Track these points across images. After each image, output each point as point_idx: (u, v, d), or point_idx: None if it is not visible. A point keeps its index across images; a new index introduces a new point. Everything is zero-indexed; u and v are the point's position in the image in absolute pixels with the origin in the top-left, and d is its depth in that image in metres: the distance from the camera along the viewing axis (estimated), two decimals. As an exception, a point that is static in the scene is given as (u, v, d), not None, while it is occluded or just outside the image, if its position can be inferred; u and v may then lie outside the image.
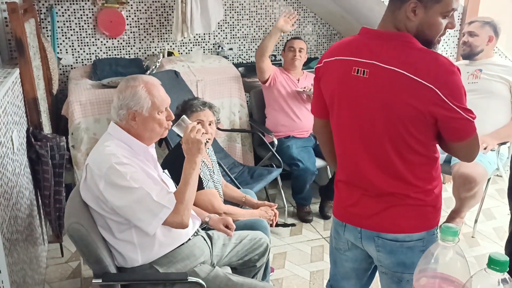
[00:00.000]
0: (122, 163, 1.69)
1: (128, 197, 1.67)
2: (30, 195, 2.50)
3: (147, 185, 1.70)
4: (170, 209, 1.71)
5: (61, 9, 3.64)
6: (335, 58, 1.50)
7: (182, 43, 4.07)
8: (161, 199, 1.70)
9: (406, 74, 1.34)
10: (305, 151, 3.31)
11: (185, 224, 1.76)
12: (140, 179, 1.70)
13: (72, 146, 3.10)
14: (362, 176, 1.51)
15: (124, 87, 1.79)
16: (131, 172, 1.68)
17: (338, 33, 4.52)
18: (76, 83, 3.31)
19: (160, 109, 1.79)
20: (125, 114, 1.77)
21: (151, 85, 1.79)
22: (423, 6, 1.37)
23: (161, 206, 1.69)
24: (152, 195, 1.68)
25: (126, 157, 1.72)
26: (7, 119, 2.09)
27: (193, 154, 1.80)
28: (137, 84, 1.77)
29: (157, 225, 1.70)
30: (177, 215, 1.72)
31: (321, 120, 1.65)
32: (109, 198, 1.69)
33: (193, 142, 1.79)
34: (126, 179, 1.67)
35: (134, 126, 1.79)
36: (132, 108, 1.76)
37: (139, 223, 1.70)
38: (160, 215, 1.69)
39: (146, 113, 1.77)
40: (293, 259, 2.93)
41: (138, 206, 1.68)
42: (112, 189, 1.68)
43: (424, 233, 1.49)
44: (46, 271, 2.76)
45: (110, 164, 1.67)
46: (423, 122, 1.37)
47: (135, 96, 1.76)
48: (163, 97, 1.81)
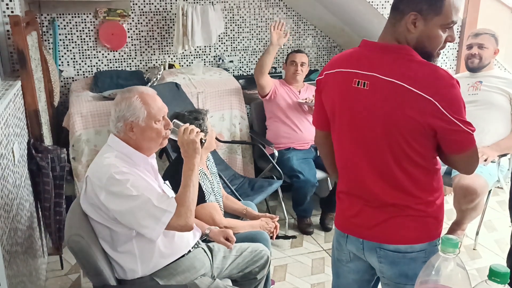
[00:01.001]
0: (122, 172, 1.69)
1: (129, 205, 1.67)
2: (30, 207, 2.50)
3: (147, 191, 1.70)
4: (172, 212, 1.70)
5: (63, 22, 3.67)
6: (336, 70, 1.51)
7: (183, 56, 4.09)
8: (162, 204, 1.69)
9: (405, 86, 1.35)
10: (305, 162, 3.31)
11: (189, 226, 1.74)
12: (140, 186, 1.70)
13: (73, 158, 3.11)
14: (363, 187, 1.51)
15: (119, 99, 1.80)
16: (131, 180, 1.69)
17: (338, 46, 4.55)
18: (77, 95, 3.33)
19: (156, 118, 1.79)
20: (123, 126, 1.78)
21: (146, 95, 1.79)
22: (423, 18, 1.38)
23: (163, 211, 1.69)
24: (153, 200, 1.68)
25: (126, 167, 1.73)
26: (8, 131, 2.09)
27: (190, 156, 1.79)
28: (131, 96, 1.78)
29: (161, 230, 1.70)
30: (180, 218, 1.71)
31: (323, 132, 1.66)
32: (111, 207, 1.69)
33: (188, 143, 1.78)
34: (126, 187, 1.67)
35: (132, 137, 1.79)
36: (128, 119, 1.77)
37: (142, 230, 1.70)
38: (162, 220, 1.69)
39: (142, 123, 1.77)
40: (294, 272, 2.91)
41: (140, 212, 1.68)
42: (113, 198, 1.68)
43: (426, 244, 1.49)
44: (45, 283, 2.74)
45: (110, 174, 1.68)
46: (423, 134, 1.38)
47: (130, 107, 1.76)
48: (159, 106, 1.81)
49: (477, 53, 3.09)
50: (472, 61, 3.12)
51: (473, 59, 3.11)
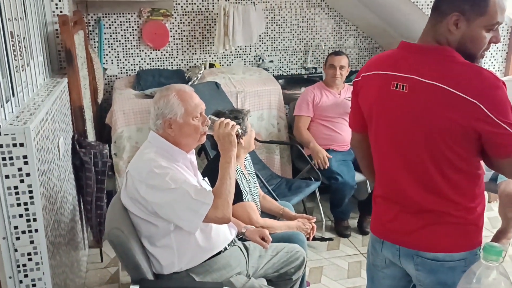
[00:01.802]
0: (161, 166, 1.73)
1: (168, 197, 1.71)
2: (73, 200, 2.58)
3: (185, 184, 1.73)
4: (209, 204, 1.72)
5: (108, 21, 3.78)
6: (373, 72, 1.49)
7: (224, 55, 4.13)
8: (199, 196, 1.72)
9: (447, 88, 1.31)
10: (344, 164, 3.27)
11: (227, 217, 1.76)
12: (179, 180, 1.73)
13: (114, 154, 3.19)
14: (400, 192, 1.47)
15: (158, 97, 1.84)
16: (169, 174, 1.72)
17: (380, 47, 4.47)
18: (120, 93, 3.41)
19: (194, 115, 1.82)
20: (161, 123, 1.82)
21: (183, 93, 1.83)
22: (466, 19, 1.33)
23: (201, 203, 1.71)
24: (191, 193, 1.71)
25: (165, 162, 1.76)
26: (54, 126, 2.17)
27: (226, 149, 1.82)
28: (169, 93, 1.82)
29: (199, 222, 1.72)
30: (217, 210, 1.73)
31: (359, 134, 1.63)
32: (150, 200, 1.73)
33: (224, 136, 1.81)
34: (165, 180, 1.70)
35: (171, 134, 1.82)
36: (166, 116, 1.81)
37: (181, 222, 1.73)
38: (200, 212, 1.71)
39: (180, 119, 1.81)
40: (329, 274, 2.88)
41: (179, 205, 1.71)
42: (153, 191, 1.72)
43: (467, 253, 1.44)
44: (86, 275, 2.83)
45: (149, 168, 1.72)
46: (466, 138, 1.33)
47: (168, 105, 1.80)
48: (196, 103, 1.84)
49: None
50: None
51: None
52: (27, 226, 1.74)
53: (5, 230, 1.71)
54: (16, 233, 1.73)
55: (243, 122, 2.34)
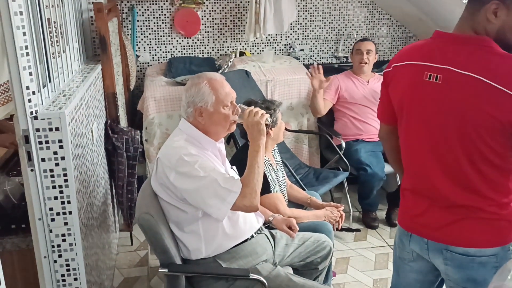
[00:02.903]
0: (190, 154, 1.75)
1: (197, 184, 1.73)
2: (105, 184, 2.64)
3: (214, 172, 1.75)
4: (237, 193, 1.73)
5: (141, 9, 3.82)
6: (405, 62, 1.46)
7: (254, 44, 4.12)
8: (227, 184, 1.73)
9: (485, 80, 1.27)
10: (374, 155, 3.24)
11: (255, 206, 1.77)
12: (208, 167, 1.75)
13: (145, 140, 3.24)
14: (430, 186, 1.45)
15: (189, 85, 1.86)
16: (199, 161, 1.74)
17: (414, 36, 4.38)
18: (152, 80, 3.46)
19: (224, 103, 1.83)
20: (192, 111, 1.84)
21: (214, 81, 1.84)
22: (506, 7, 1.29)
23: (228, 191, 1.73)
24: (219, 181, 1.72)
25: (194, 150, 1.78)
26: (88, 111, 2.22)
27: (255, 138, 1.81)
28: (200, 81, 1.84)
29: (226, 209, 1.74)
30: (245, 199, 1.74)
31: (388, 126, 1.61)
32: (179, 186, 1.75)
33: (252, 125, 1.80)
34: (194, 167, 1.72)
35: (201, 121, 1.84)
36: (197, 104, 1.82)
37: (209, 209, 1.75)
38: (228, 199, 1.73)
39: (211, 108, 1.82)
40: (356, 265, 2.87)
41: (207, 192, 1.73)
42: (182, 178, 1.74)
43: (498, 249, 1.41)
44: (116, 257, 2.91)
45: (179, 156, 1.74)
46: (502, 132, 1.30)
47: (199, 93, 1.82)
48: (226, 91, 1.85)
49: None
50: None
51: None
52: (62, 208, 1.79)
53: (41, 212, 1.77)
54: (51, 215, 1.79)
55: (274, 114, 2.34)
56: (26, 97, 1.61)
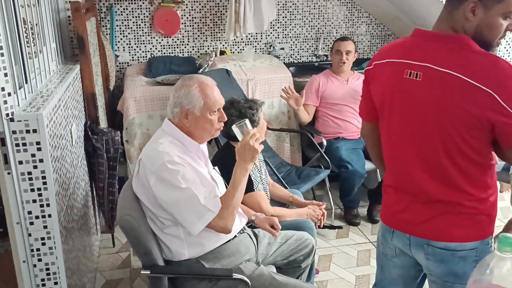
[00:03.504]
0: (174, 162, 1.73)
1: (175, 195, 1.71)
2: (85, 186, 2.61)
3: (196, 186, 1.73)
4: (215, 213, 1.73)
5: (120, 8, 3.78)
6: (386, 60, 1.47)
7: (235, 42, 4.11)
8: (207, 203, 1.72)
9: (462, 77, 1.29)
10: (354, 153, 3.26)
11: (228, 229, 1.77)
12: (190, 179, 1.73)
13: (126, 141, 3.21)
14: (412, 182, 1.47)
15: (180, 85, 1.84)
16: (181, 172, 1.72)
17: (392, 34, 4.42)
18: (132, 79, 3.42)
19: (212, 110, 1.82)
20: (178, 112, 1.82)
21: (205, 85, 1.82)
22: (483, 6, 1.31)
23: (207, 210, 1.72)
24: (199, 197, 1.71)
25: (179, 156, 1.76)
26: (67, 112, 2.19)
27: (246, 160, 1.80)
28: (191, 84, 1.82)
29: (201, 227, 1.73)
30: (221, 220, 1.74)
31: (370, 123, 1.63)
32: (158, 194, 1.74)
33: (250, 148, 1.78)
34: (176, 177, 1.71)
35: (186, 124, 1.83)
36: (185, 106, 1.81)
37: (184, 222, 1.74)
38: (205, 218, 1.72)
39: (198, 112, 1.80)
40: (338, 262, 2.89)
41: (185, 206, 1.72)
42: (162, 185, 1.73)
43: (478, 243, 1.44)
44: (98, 259, 2.87)
45: (162, 161, 1.72)
46: (479, 128, 1.32)
47: (188, 95, 1.80)
48: (216, 98, 1.83)
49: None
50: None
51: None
52: (41, 211, 1.76)
53: (19, 215, 1.73)
54: (29, 218, 1.76)
55: (257, 113, 2.35)
56: (2, 98, 1.57)
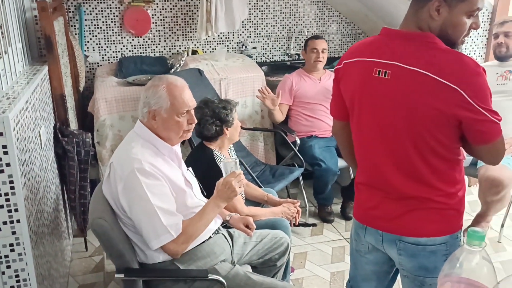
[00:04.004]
0: (144, 171, 1.70)
1: (139, 207, 1.70)
2: (56, 189, 2.55)
3: (162, 201, 1.71)
4: (173, 237, 1.72)
5: (88, 8, 3.71)
6: (355, 59, 1.49)
7: (206, 42, 4.09)
8: (169, 224, 1.70)
9: (429, 75, 1.31)
10: (327, 151, 3.29)
11: (178, 254, 1.77)
12: (157, 193, 1.70)
13: (97, 143, 3.16)
14: (383, 179, 1.49)
15: (149, 85, 1.82)
16: (150, 183, 1.70)
17: (362, 32, 4.48)
18: (102, 80, 3.37)
19: (179, 112, 1.79)
20: (146, 113, 1.80)
21: (173, 87, 1.79)
22: (448, 5, 1.34)
23: (166, 231, 1.70)
24: (161, 217, 1.69)
25: (150, 163, 1.72)
26: (35, 115, 2.13)
27: (222, 198, 1.81)
28: (159, 84, 1.79)
29: (156, 245, 1.72)
30: (175, 244, 1.73)
31: (340, 122, 1.64)
32: (123, 202, 1.72)
33: (230, 188, 1.79)
34: (143, 189, 1.68)
35: (154, 125, 1.81)
36: (152, 107, 1.78)
37: (142, 234, 1.73)
38: (161, 238, 1.71)
39: (164, 113, 1.78)
40: (313, 259, 2.91)
41: (146, 220, 1.70)
42: (128, 194, 1.71)
43: (447, 237, 1.47)
44: (70, 264, 2.82)
45: (132, 169, 1.69)
46: (447, 124, 1.35)
47: (155, 95, 1.78)
48: (185, 99, 1.80)
49: (503, 41, 3.03)
50: (499, 51, 3.06)
51: (500, 48, 3.05)
52: (9, 216, 1.71)
53: (-14, 221, 1.68)
54: (-3, 224, 1.71)
55: (231, 113, 2.35)
56: (-34, 101, 1.53)
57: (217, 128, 2.34)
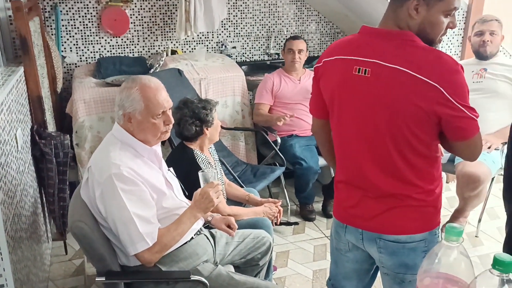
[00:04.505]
0: (122, 177, 1.67)
1: (116, 214, 1.68)
2: (34, 193, 2.51)
3: (139, 208, 1.69)
4: (149, 245, 1.70)
5: (65, 8, 3.65)
6: (335, 57, 1.49)
7: (186, 42, 4.07)
8: (145, 232, 1.69)
9: (409, 72, 1.33)
10: (308, 149, 3.31)
11: (151, 263, 1.75)
12: (135, 200, 1.68)
13: (76, 144, 3.11)
14: (363, 177, 1.50)
15: (123, 87, 1.78)
16: (127, 190, 1.67)
17: (341, 32, 4.51)
18: (80, 81, 3.32)
19: (155, 113, 1.75)
20: (122, 115, 1.77)
21: (147, 88, 1.75)
22: (426, 4, 1.36)
23: (142, 239, 1.68)
24: (137, 224, 1.67)
25: (129, 168, 1.69)
26: (11, 117, 2.09)
27: (199, 208, 1.80)
28: (133, 86, 1.75)
29: (131, 253, 1.71)
30: (149, 253, 1.71)
31: (320, 120, 1.65)
32: (100, 207, 1.71)
33: (207, 198, 1.78)
34: (120, 195, 1.66)
35: (130, 128, 1.78)
36: (126, 109, 1.75)
37: (120, 239, 1.72)
38: (136, 246, 1.69)
39: (139, 116, 1.74)
40: (295, 258, 2.93)
41: (122, 227, 1.69)
42: (105, 200, 1.69)
43: (426, 234, 1.49)
44: (50, 268, 2.77)
45: (109, 174, 1.67)
46: (426, 122, 1.36)
47: (129, 98, 1.74)
48: (159, 101, 1.76)
49: (488, 40, 3.02)
50: (485, 49, 3.04)
51: (485, 46, 3.03)
52: (-15, 221, 1.68)
53: (-38, 227, 1.65)
54: (-27, 229, 1.67)
55: (210, 113, 2.34)
56: None
57: (197, 128, 2.33)
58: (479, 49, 3.08)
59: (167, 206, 1.81)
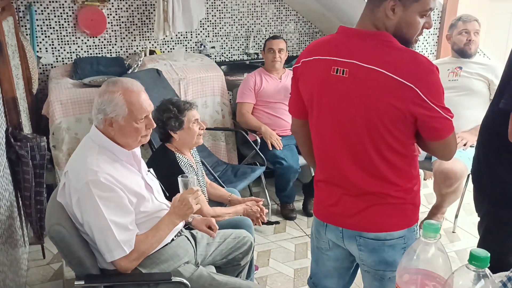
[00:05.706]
0: (99, 183, 1.64)
1: (93, 221, 1.66)
2: (10, 196, 2.46)
3: (116, 216, 1.66)
4: (126, 253, 1.69)
5: (40, 7, 3.58)
6: (313, 57, 1.50)
7: (164, 42, 4.04)
8: (122, 240, 1.67)
9: (386, 73, 1.34)
10: (288, 149, 3.32)
11: (128, 270, 1.73)
12: (112, 207, 1.66)
13: (53, 146, 3.06)
14: (342, 176, 1.51)
15: (103, 90, 1.73)
16: (104, 197, 1.65)
17: (320, 31, 4.54)
18: (57, 82, 3.27)
19: (138, 118, 1.73)
20: (102, 120, 1.73)
21: (130, 92, 1.72)
22: (402, 4, 1.38)
23: (119, 246, 1.67)
24: (115, 232, 1.65)
25: (107, 174, 1.66)
26: (-15, 119, 2.05)
27: (178, 214, 1.78)
28: (115, 90, 1.71)
29: (108, 260, 1.69)
30: (126, 260, 1.70)
31: (299, 120, 1.65)
32: (77, 214, 1.68)
33: (186, 205, 1.77)
34: (97, 202, 1.63)
35: (111, 132, 1.74)
36: (108, 114, 1.71)
37: (97, 246, 1.70)
38: (114, 253, 1.67)
39: (122, 121, 1.71)
40: (277, 257, 2.93)
41: (99, 234, 1.67)
42: (81, 206, 1.67)
43: (405, 231, 1.51)
44: (27, 273, 2.72)
45: (86, 181, 1.64)
46: (403, 122, 1.38)
47: (111, 103, 1.70)
48: (143, 105, 1.74)
49: (473, 39, 3.05)
50: (469, 47, 3.07)
51: (470, 45, 3.06)
52: (-40, 226, 1.64)
53: None
54: None
55: (176, 117, 2.31)
56: None
57: (161, 130, 2.31)
58: (464, 47, 3.09)
59: (147, 210, 1.79)
